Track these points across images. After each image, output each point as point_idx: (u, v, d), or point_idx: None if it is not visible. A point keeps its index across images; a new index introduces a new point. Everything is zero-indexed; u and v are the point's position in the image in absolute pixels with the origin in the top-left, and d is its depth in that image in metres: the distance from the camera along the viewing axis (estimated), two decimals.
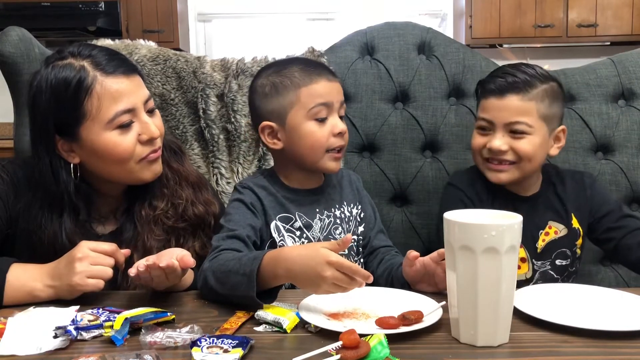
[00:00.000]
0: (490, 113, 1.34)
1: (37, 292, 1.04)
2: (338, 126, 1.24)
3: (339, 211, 1.33)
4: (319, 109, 1.23)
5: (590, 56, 3.52)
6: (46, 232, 1.15)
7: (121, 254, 1.09)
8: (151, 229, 1.20)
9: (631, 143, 1.65)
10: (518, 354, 0.86)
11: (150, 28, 4.02)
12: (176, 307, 1.04)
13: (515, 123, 1.31)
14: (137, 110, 1.14)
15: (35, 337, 0.88)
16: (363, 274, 0.94)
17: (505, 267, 0.85)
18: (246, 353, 0.83)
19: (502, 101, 1.32)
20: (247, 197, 1.25)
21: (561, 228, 1.40)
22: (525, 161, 1.32)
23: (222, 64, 1.64)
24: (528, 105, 1.31)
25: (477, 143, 1.38)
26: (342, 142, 1.26)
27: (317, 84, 1.24)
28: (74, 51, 1.14)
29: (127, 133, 1.13)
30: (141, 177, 1.18)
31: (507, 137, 1.32)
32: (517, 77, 1.32)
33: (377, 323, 0.90)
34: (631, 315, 0.97)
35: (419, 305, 0.98)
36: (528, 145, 1.31)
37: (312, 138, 1.23)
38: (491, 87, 1.35)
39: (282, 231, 1.26)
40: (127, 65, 1.17)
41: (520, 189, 1.41)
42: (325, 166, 1.26)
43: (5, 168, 1.21)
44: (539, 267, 1.39)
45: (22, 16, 3.85)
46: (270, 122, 1.26)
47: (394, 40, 1.69)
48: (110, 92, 1.11)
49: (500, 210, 0.94)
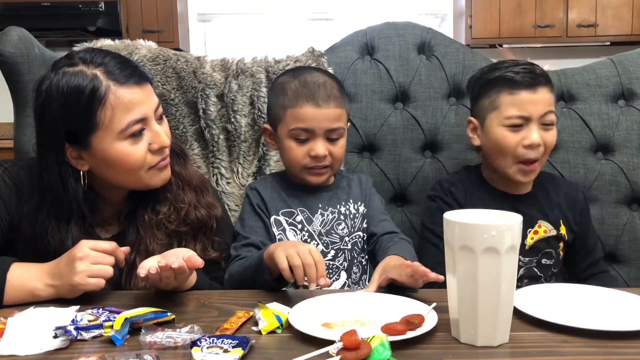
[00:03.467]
0: (525, 108, 1.32)
1: (38, 292, 1.04)
2: (315, 150, 1.30)
3: (344, 208, 1.38)
4: (298, 132, 1.31)
5: (590, 56, 3.52)
6: (53, 239, 1.14)
7: (121, 252, 1.09)
8: (154, 233, 1.19)
9: (631, 143, 1.65)
10: (518, 354, 0.86)
11: (150, 28, 4.02)
12: (176, 307, 1.04)
13: (548, 113, 1.33)
14: (149, 119, 1.14)
15: (35, 337, 0.88)
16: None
17: (505, 267, 0.85)
18: (246, 353, 0.83)
19: (536, 95, 1.32)
20: (253, 199, 1.36)
21: (550, 228, 1.41)
22: (548, 153, 1.36)
23: (222, 64, 1.64)
24: (551, 97, 1.35)
25: (511, 142, 1.32)
26: (319, 163, 1.32)
27: (302, 108, 1.30)
28: (86, 58, 1.12)
29: (138, 142, 1.13)
30: (150, 184, 1.19)
31: (541, 131, 1.33)
32: (534, 71, 1.34)
33: (384, 330, 0.89)
34: (631, 315, 0.97)
35: (410, 309, 0.97)
36: (554, 137, 1.36)
37: (289, 154, 1.33)
38: (522, 81, 1.31)
39: (283, 225, 1.34)
40: (139, 74, 1.15)
41: (512, 188, 1.42)
42: (305, 179, 1.35)
43: (8, 171, 1.20)
44: (525, 264, 1.40)
45: (22, 16, 3.85)
46: (268, 126, 1.40)
47: (394, 40, 1.69)
48: (123, 103, 1.10)
49: (500, 210, 0.94)
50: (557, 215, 1.43)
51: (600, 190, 1.63)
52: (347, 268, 1.35)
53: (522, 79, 1.32)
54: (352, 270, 1.36)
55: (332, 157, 1.32)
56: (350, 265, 1.36)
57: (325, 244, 1.34)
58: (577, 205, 1.46)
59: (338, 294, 1.08)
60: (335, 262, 1.34)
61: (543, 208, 1.42)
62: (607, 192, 1.64)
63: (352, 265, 1.36)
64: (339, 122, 1.32)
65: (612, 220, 1.63)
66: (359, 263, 1.38)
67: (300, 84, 1.32)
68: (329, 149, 1.31)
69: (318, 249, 1.31)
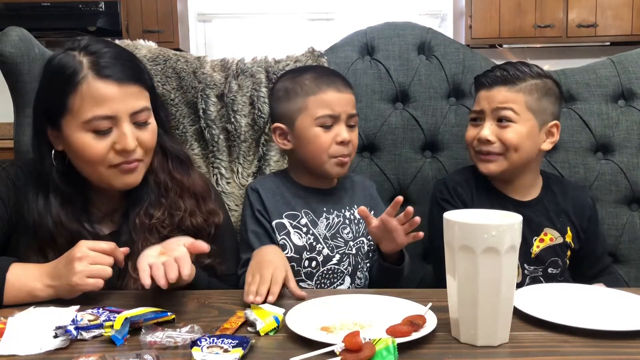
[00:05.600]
0: (479, 104, 1.41)
1: (37, 292, 1.04)
2: (341, 135, 1.30)
3: (349, 212, 1.37)
4: (324, 119, 1.29)
5: (590, 56, 3.52)
6: (33, 211, 1.16)
7: (120, 253, 1.09)
8: (146, 237, 1.18)
9: (631, 143, 1.65)
10: (518, 354, 0.86)
11: (150, 28, 4.01)
12: (176, 307, 1.03)
13: (501, 109, 1.36)
14: (119, 119, 1.11)
15: (35, 337, 0.88)
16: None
17: (505, 267, 0.85)
18: (246, 353, 0.83)
19: (490, 92, 1.38)
20: (254, 203, 1.33)
21: (557, 235, 1.41)
22: (512, 151, 1.36)
23: (222, 64, 1.63)
24: (514, 96, 1.36)
25: (469, 135, 1.44)
26: (345, 151, 1.31)
27: (325, 94, 1.30)
28: (84, 44, 1.14)
29: (102, 139, 1.11)
30: (112, 184, 1.16)
31: (494, 127, 1.37)
32: (507, 71, 1.38)
33: (389, 332, 0.88)
34: (631, 315, 0.97)
35: (407, 310, 0.97)
36: (513, 134, 1.35)
37: (316, 143, 1.30)
38: (482, 80, 1.42)
39: (287, 228, 1.31)
40: (128, 73, 1.13)
41: (518, 193, 1.42)
42: (329, 171, 1.32)
43: (6, 171, 1.21)
44: (531, 272, 1.39)
45: (22, 16, 3.85)
46: (281, 125, 1.34)
47: (394, 40, 1.69)
48: (93, 95, 1.10)
49: (500, 210, 0.94)
50: (564, 222, 1.42)
51: (600, 190, 1.63)
52: (351, 273, 1.35)
53: (485, 79, 1.41)
54: (356, 275, 1.36)
55: (352, 145, 1.33)
56: (354, 270, 1.35)
57: (330, 247, 1.33)
58: (585, 212, 1.45)
59: (333, 297, 1.07)
60: (340, 267, 1.33)
61: (549, 214, 1.41)
62: (607, 192, 1.64)
63: (357, 270, 1.36)
64: (355, 108, 1.35)
65: (612, 220, 1.63)
66: (362, 268, 1.37)
67: (316, 74, 1.34)
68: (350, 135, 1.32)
69: (323, 252, 1.31)
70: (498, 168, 1.38)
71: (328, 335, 0.89)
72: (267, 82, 1.60)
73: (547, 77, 1.39)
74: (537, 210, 1.41)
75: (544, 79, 1.38)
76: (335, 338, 0.85)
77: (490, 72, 1.41)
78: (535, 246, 1.39)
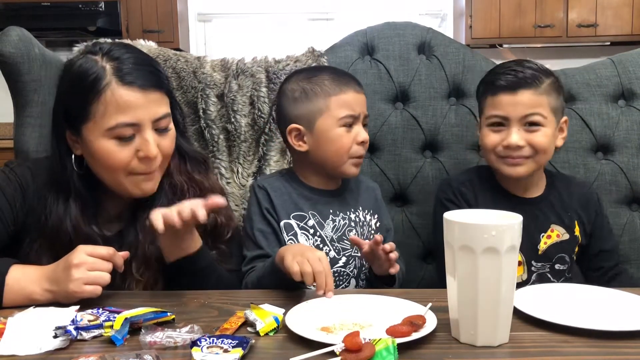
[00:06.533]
0: (504, 109, 1.34)
1: (36, 296, 1.04)
2: (361, 135, 1.31)
3: (354, 215, 1.37)
4: (346, 119, 1.30)
5: (590, 56, 3.51)
6: (52, 215, 1.15)
7: (119, 258, 1.07)
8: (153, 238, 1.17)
9: (631, 143, 1.65)
10: (518, 354, 0.86)
11: (150, 28, 4.01)
12: (176, 307, 1.03)
13: (531, 115, 1.32)
14: (142, 126, 1.11)
15: (35, 337, 0.88)
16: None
17: (505, 267, 0.85)
18: (246, 353, 0.83)
19: (515, 96, 1.33)
20: (262, 201, 1.32)
21: (563, 232, 1.40)
22: (541, 154, 1.34)
23: (222, 64, 1.63)
24: (540, 99, 1.33)
25: (491, 141, 1.36)
26: (362, 151, 1.33)
27: (346, 94, 1.30)
28: (107, 49, 1.13)
29: (125, 146, 1.11)
30: (129, 191, 1.16)
31: (522, 132, 1.33)
32: (525, 72, 1.34)
33: (389, 332, 0.88)
34: (631, 315, 0.97)
35: (407, 310, 0.97)
36: (543, 138, 1.33)
37: (338, 144, 1.29)
38: (502, 83, 1.34)
39: (294, 229, 1.31)
40: (150, 79, 1.13)
41: (523, 191, 1.41)
42: (347, 171, 1.32)
43: (14, 171, 1.21)
44: (538, 269, 1.39)
45: (22, 16, 3.85)
46: (298, 125, 1.32)
47: (394, 40, 1.69)
48: (117, 102, 1.09)
49: (500, 210, 0.94)
50: (571, 218, 1.41)
51: (600, 190, 1.63)
52: (356, 275, 1.35)
53: (504, 81, 1.34)
54: (361, 278, 1.36)
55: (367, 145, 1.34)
56: (359, 272, 1.35)
57: (337, 250, 1.32)
58: (591, 206, 1.44)
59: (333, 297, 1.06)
60: (346, 269, 1.33)
61: (556, 211, 1.41)
62: (607, 192, 1.63)
63: (361, 273, 1.36)
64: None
65: (612, 220, 1.62)
66: (366, 271, 1.37)
67: (334, 74, 1.34)
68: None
69: (330, 255, 1.31)
70: (527, 170, 1.35)
71: (328, 336, 0.89)
72: (267, 82, 1.60)
73: (552, 74, 1.39)
74: (543, 207, 1.40)
75: (552, 77, 1.37)
76: (335, 338, 0.85)
77: (506, 75, 1.35)
78: (543, 243, 1.39)
